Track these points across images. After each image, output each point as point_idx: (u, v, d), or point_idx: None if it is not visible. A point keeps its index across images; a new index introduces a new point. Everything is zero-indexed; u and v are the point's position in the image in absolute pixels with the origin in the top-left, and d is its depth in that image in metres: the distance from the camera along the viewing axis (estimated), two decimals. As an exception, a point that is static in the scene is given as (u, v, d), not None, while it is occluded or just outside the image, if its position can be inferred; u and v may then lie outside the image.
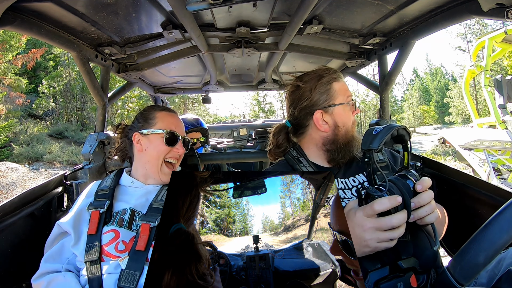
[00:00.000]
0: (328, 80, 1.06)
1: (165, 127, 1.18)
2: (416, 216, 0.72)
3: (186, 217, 0.74)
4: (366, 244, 0.71)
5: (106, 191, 1.10)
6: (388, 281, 0.70)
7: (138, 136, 1.18)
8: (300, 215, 0.83)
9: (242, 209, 0.82)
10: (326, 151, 1.07)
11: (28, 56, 12.41)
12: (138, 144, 1.18)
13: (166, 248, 0.69)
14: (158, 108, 1.24)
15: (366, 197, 0.74)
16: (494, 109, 4.83)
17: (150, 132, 1.17)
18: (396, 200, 0.69)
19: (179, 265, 0.66)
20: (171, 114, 1.24)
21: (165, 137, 1.16)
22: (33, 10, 1.08)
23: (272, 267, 0.74)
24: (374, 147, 0.79)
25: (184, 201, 0.77)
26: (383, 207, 0.69)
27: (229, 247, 0.76)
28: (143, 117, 1.22)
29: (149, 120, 1.20)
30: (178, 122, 1.25)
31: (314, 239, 0.79)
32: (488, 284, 0.81)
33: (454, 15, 1.19)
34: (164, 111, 1.24)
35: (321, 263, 0.75)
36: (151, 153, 1.16)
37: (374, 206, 0.69)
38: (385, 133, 0.80)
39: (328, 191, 0.86)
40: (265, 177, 0.87)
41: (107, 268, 0.93)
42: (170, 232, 0.69)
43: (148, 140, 1.17)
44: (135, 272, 0.89)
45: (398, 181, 0.74)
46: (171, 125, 1.20)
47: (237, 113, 31.32)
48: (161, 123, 1.19)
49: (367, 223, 0.70)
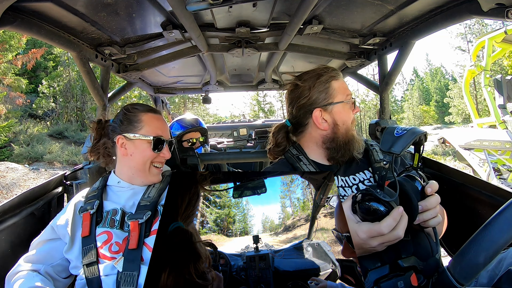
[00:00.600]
0: (326, 78, 1.06)
1: (152, 133, 1.12)
2: (421, 219, 0.73)
3: (185, 216, 0.74)
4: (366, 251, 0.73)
5: (95, 192, 1.10)
6: (388, 280, 0.71)
7: (122, 140, 1.12)
8: (300, 215, 0.83)
9: (242, 209, 0.82)
10: (326, 149, 1.07)
11: (28, 56, 12.41)
12: (123, 148, 1.12)
13: (165, 247, 0.69)
14: (142, 109, 1.17)
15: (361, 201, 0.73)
16: (494, 109, 4.82)
17: (136, 137, 1.11)
18: (398, 213, 0.69)
19: (177, 263, 0.66)
20: (157, 117, 1.18)
21: (152, 144, 1.11)
22: (33, 10, 1.08)
23: (272, 267, 0.74)
24: (396, 152, 0.73)
25: (184, 201, 0.77)
26: (390, 229, 0.69)
27: (229, 247, 0.76)
28: (127, 118, 1.14)
29: (134, 123, 1.13)
30: (163, 125, 1.19)
31: (314, 239, 0.79)
32: (488, 284, 0.81)
33: (454, 15, 1.19)
34: (150, 112, 1.17)
35: (321, 263, 0.75)
36: (137, 159, 1.11)
37: (382, 229, 0.69)
38: (408, 138, 0.75)
39: (328, 191, 0.86)
40: (265, 177, 0.87)
41: (104, 270, 0.93)
42: (169, 230, 0.69)
43: (134, 145, 1.12)
44: (133, 273, 0.89)
45: (407, 183, 0.74)
46: (157, 130, 1.14)
47: (237, 113, 31.31)
48: (147, 127, 1.12)
49: (373, 242, 0.71)
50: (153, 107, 1.20)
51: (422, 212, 0.72)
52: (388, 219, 0.68)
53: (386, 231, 0.68)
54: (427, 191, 0.73)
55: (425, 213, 0.72)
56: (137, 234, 0.95)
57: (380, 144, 0.81)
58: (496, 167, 4.44)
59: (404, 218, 0.70)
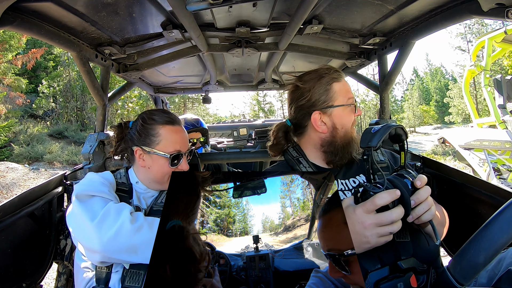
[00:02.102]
0: (328, 80, 1.04)
1: (170, 147, 1.09)
2: (415, 215, 0.73)
3: (183, 215, 0.74)
4: (367, 241, 0.71)
5: (127, 188, 1.10)
6: (388, 281, 0.71)
7: (140, 151, 1.10)
8: (300, 215, 0.83)
9: (242, 209, 0.82)
10: (324, 152, 1.06)
11: (28, 56, 12.42)
12: (141, 159, 1.11)
13: (162, 245, 0.69)
14: (160, 121, 1.11)
15: (363, 194, 0.74)
16: (494, 109, 4.82)
17: (153, 152, 1.08)
18: (395, 193, 0.70)
19: (174, 262, 0.66)
20: (176, 129, 1.13)
21: (170, 160, 1.08)
22: (33, 10, 1.08)
23: (272, 267, 0.74)
24: (373, 145, 0.79)
25: (183, 201, 0.77)
26: (384, 201, 0.69)
27: (229, 247, 0.76)
28: (145, 130, 1.10)
29: (151, 136, 1.09)
30: (182, 137, 1.14)
31: (314, 239, 0.79)
32: (488, 284, 0.82)
33: (454, 15, 1.19)
34: (168, 125, 1.11)
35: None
36: (155, 172, 1.10)
37: (376, 201, 0.70)
38: (383, 131, 0.80)
39: (328, 191, 0.86)
40: (265, 177, 0.87)
41: (114, 265, 0.94)
42: (166, 229, 0.69)
43: (151, 158, 1.09)
44: (140, 271, 0.90)
45: (396, 180, 0.75)
46: (175, 145, 1.10)
47: (237, 113, 31.31)
48: (165, 142, 1.09)
49: (367, 219, 0.71)
50: (171, 117, 1.14)
51: (415, 207, 0.72)
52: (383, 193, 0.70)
53: (380, 203, 0.69)
54: (416, 184, 0.74)
55: (418, 207, 0.73)
56: None
57: (360, 143, 0.84)
58: (496, 167, 4.45)
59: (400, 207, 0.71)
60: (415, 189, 0.74)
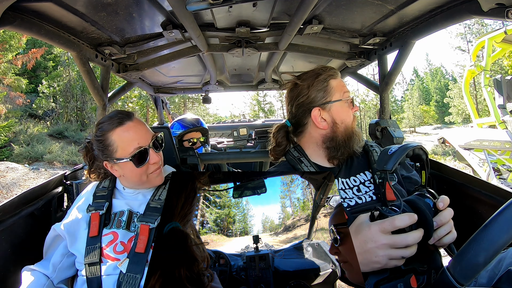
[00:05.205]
0: (325, 77, 1.06)
1: (128, 150, 1.01)
2: (436, 237, 0.72)
3: (181, 215, 0.74)
4: (378, 261, 0.70)
5: (105, 192, 1.09)
6: (388, 282, 0.71)
7: (108, 164, 1.07)
8: (300, 215, 0.83)
9: (242, 209, 0.82)
10: (326, 148, 1.07)
11: (28, 56, 12.43)
12: (113, 170, 1.08)
13: (161, 247, 0.69)
14: (109, 127, 1.04)
15: (380, 217, 0.73)
16: (494, 109, 4.82)
17: (116, 162, 1.04)
18: (414, 217, 0.68)
19: (173, 264, 0.66)
20: (126, 127, 1.04)
21: (134, 162, 1.02)
22: (33, 10, 1.08)
23: (272, 267, 0.74)
24: (388, 169, 0.77)
25: (180, 200, 0.76)
26: (404, 223, 0.68)
27: (229, 247, 0.76)
28: (101, 144, 1.05)
29: (108, 147, 1.03)
30: (137, 131, 1.05)
31: (314, 239, 0.79)
32: (488, 284, 0.81)
33: (454, 15, 1.19)
34: (118, 127, 1.03)
35: (321, 263, 0.75)
36: (129, 178, 1.07)
37: (395, 222, 0.68)
38: (400, 153, 0.78)
39: (328, 191, 0.86)
40: (265, 177, 0.87)
41: (106, 270, 0.93)
42: (164, 231, 0.69)
43: (120, 167, 1.05)
44: (136, 275, 0.89)
45: (418, 200, 0.73)
46: (133, 143, 1.02)
47: (237, 113, 31.33)
48: (122, 145, 1.02)
49: (382, 239, 0.70)
50: (119, 116, 1.06)
51: (437, 228, 0.72)
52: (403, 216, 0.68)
53: (399, 225, 0.68)
54: (439, 206, 0.73)
55: (440, 229, 0.72)
56: (146, 238, 0.95)
57: (376, 164, 0.83)
58: (496, 167, 4.45)
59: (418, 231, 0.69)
60: (437, 210, 0.73)
